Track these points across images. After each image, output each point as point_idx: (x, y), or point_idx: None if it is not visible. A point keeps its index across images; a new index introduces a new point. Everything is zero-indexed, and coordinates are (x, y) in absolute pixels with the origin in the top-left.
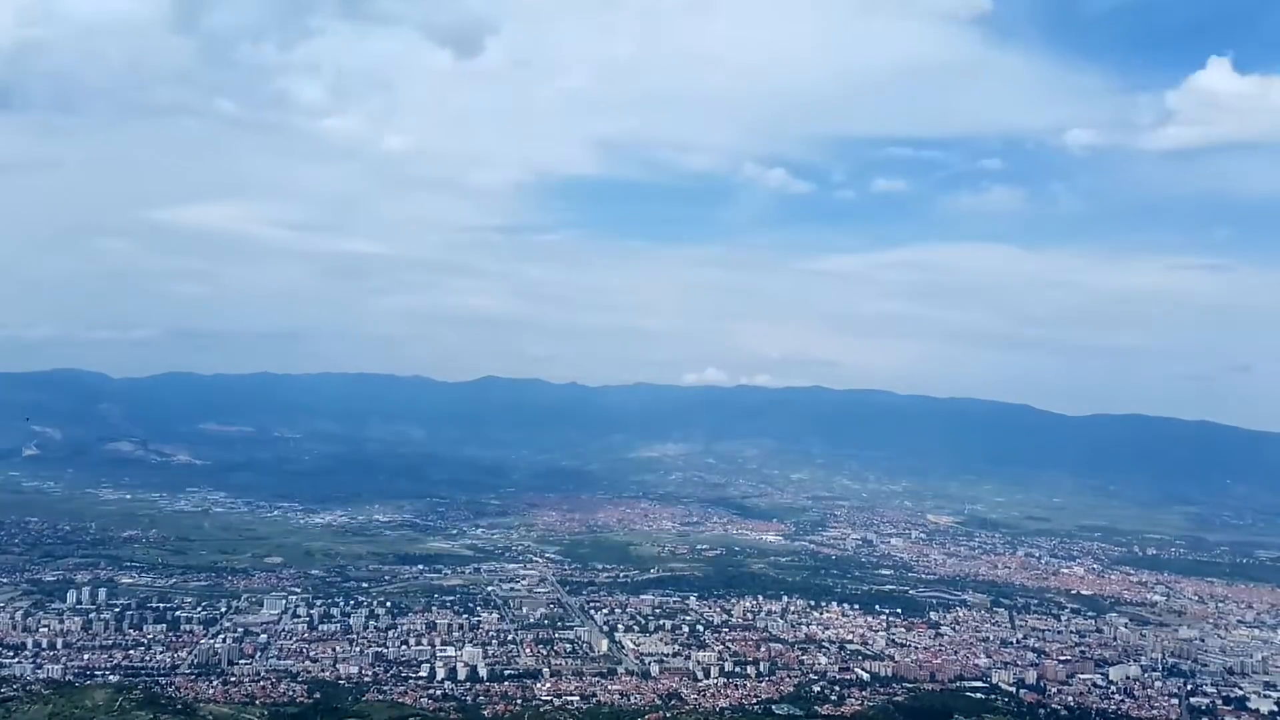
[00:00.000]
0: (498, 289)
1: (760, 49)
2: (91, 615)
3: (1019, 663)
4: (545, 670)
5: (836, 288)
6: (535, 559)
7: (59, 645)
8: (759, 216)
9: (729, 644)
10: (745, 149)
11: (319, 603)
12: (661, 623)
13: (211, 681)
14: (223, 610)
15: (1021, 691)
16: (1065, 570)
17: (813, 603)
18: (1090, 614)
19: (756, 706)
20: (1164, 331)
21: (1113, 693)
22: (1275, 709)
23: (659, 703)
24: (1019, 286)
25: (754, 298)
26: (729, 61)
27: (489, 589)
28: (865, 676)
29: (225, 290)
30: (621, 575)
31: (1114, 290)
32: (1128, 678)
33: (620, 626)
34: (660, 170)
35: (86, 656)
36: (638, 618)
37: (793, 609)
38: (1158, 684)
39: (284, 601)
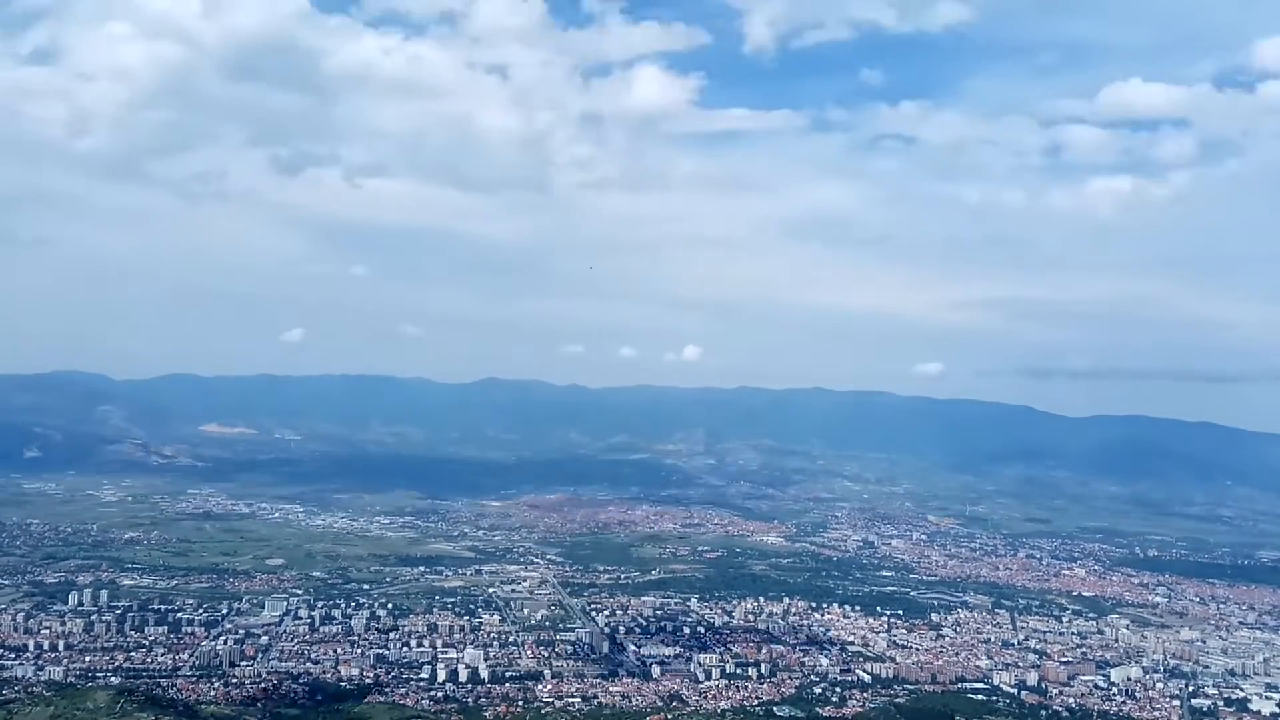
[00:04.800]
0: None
1: None
2: (93, 617)
3: (1020, 664)
4: (546, 672)
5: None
6: (536, 560)
7: (60, 647)
8: None
9: (730, 645)
10: None
11: (320, 604)
12: (663, 624)
13: (213, 683)
14: (224, 612)
15: (1023, 693)
16: (1066, 572)
17: (814, 604)
18: (1092, 615)
19: (758, 708)
20: None
21: (1114, 694)
22: (1277, 710)
23: (660, 704)
24: None
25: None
26: None
27: (490, 590)
28: (866, 678)
29: None
30: (623, 577)
31: None
32: (1129, 679)
33: (621, 628)
34: None
35: (88, 658)
36: (639, 619)
37: (794, 610)
38: (1159, 685)
39: (285, 603)
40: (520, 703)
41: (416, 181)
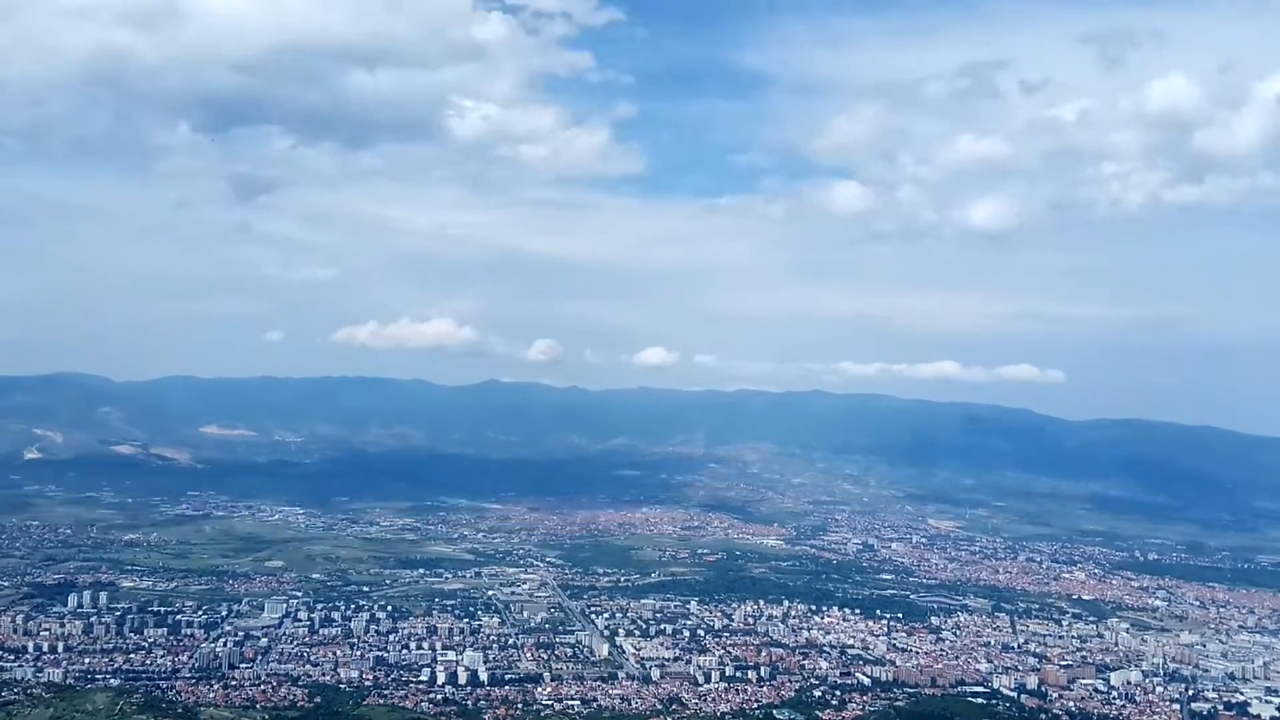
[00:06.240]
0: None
1: None
2: (92, 619)
3: (1020, 668)
4: (546, 675)
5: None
6: (536, 563)
7: (60, 649)
8: None
9: (730, 648)
10: None
11: (320, 606)
12: (662, 627)
13: (212, 685)
14: (223, 614)
15: (1022, 696)
16: (1066, 575)
17: (814, 607)
18: (1091, 619)
19: (757, 711)
20: None
21: (1114, 698)
22: (1277, 714)
23: (660, 707)
24: None
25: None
26: None
27: (490, 593)
28: (866, 681)
29: None
30: (622, 580)
31: None
32: (1129, 683)
33: (621, 631)
34: None
35: (87, 660)
36: (639, 622)
37: (794, 613)
38: (1159, 689)
39: (285, 605)
40: (519, 705)
41: None
